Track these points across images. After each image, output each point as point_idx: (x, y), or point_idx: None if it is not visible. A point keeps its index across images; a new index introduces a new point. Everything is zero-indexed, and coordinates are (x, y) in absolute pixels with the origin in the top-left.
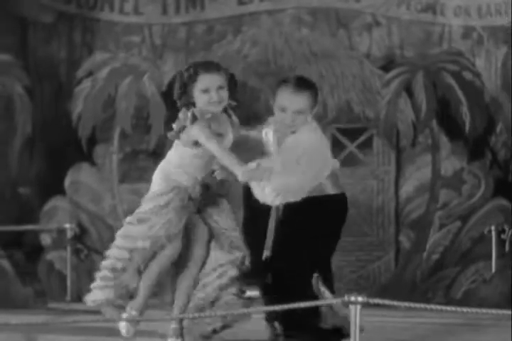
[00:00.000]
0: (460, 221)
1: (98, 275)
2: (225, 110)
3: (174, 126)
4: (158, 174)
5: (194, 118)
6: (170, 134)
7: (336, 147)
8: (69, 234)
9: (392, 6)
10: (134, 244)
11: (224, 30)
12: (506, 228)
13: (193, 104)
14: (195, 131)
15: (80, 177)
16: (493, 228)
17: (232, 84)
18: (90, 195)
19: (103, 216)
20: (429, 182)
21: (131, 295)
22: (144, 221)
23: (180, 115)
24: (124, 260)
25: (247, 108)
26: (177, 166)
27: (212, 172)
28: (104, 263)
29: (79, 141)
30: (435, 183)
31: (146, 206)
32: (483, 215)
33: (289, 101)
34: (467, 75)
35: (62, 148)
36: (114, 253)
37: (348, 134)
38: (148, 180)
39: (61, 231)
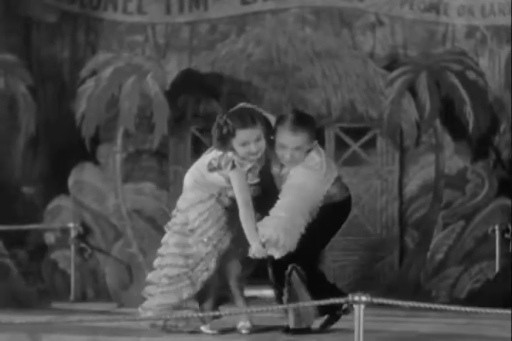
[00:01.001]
0: (464, 220)
1: (152, 284)
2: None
3: (213, 163)
4: (190, 181)
5: (233, 166)
6: (209, 167)
7: (340, 146)
8: (72, 234)
9: (395, 6)
10: (189, 251)
11: (227, 30)
12: (510, 227)
13: (232, 150)
14: (232, 177)
15: (83, 176)
16: (496, 227)
17: (268, 130)
18: (94, 194)
19: (107, 215)
20: (432, 181)
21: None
22: (194, 229)
23: (220, 155)
24: (179, 266)
25: None
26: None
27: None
28: (156, 272)
29: (82, 140)
30: (439, 183)
31: (191, 215)
32: (486, 214)
33: (287, 140)
34: (470, 75)
35: (65, 147)
36: (168, 261)
37: (351, 134)
38: (152, 180)
39: (65, 231)
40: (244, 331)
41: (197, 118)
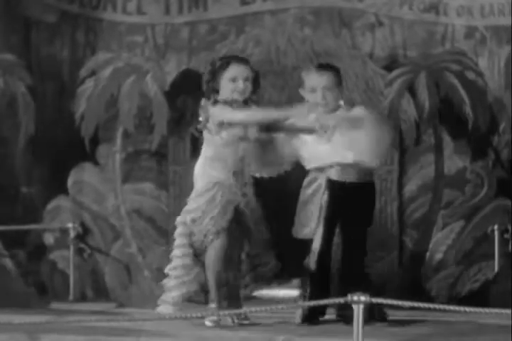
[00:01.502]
0: (463, 220)
1: (170, 277)
2: (245, 103)
3: (200, 117)
4: (198, 171)
5: (215, 102)
6: (198, 126)
7: None
8: (72, 234)
9: (394, 6)
10: (191, 240)
11: (227, 30)
12: (509, 227)
13: (217, 92)
14: (218, 111)
15: (83, 176)
16: (496, 227)
17: (257, 81)
18: (93, 194)
19: (106, 216)
20: (432, 181)
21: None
22: (195, 218)
23: (203, 103)
24: (190, 255)
25: None
26: (212, 159)
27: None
28: (171, 265)
29: (82, 140)
30: (438, 183)
31: (194, 203)
32: (486, 214)
33: (315, 80)
34: (470, 75)
35: (65, 147)
36: (177, 253)
37: None
38: (152, 180)
39: (64, 231)
40: (208, 323)
41: (196, 118)
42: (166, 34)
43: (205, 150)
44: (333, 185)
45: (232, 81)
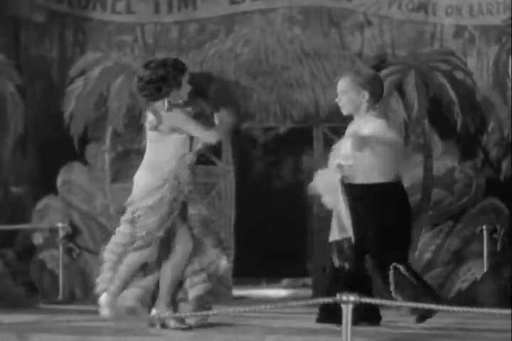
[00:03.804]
0: (452, 220)
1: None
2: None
3: (150, 118)
4: (144, 172)
5: (170, 106)
6: (149, 126)
7: (328, 146)
8: (61, 234)
9: (383, 6)
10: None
11: (216, 30)
12: (498, 227)
13: (168, 95)
14: (176, 118)
15: (72, 176)
16: (484, 227)
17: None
18: (82, 194)
19: (95, 215)
20: (421, 181)
21: None
22: (140, 217)
23: (157, 105)
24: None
25: (239, 106)
26: (164, 155)
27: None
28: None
29: (71, 140)
30: (427, 182)
31: (142, 203)
32: (474, 214)
33: (338, 83)
34: (459, 74)
35: (54, 147)
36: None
37: (340, 133)
38: None
39: (53, 231)
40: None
41: None
42: (155, 33)
43: (152, 152)
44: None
45: (188, 83)
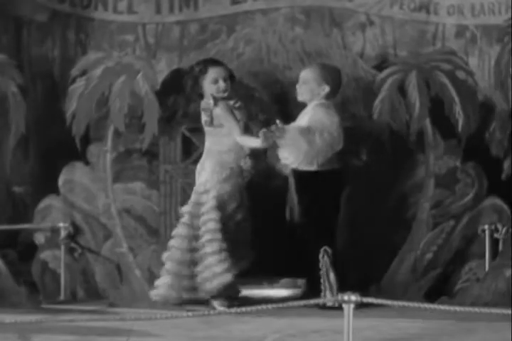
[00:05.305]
0: (453, 220)
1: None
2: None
3: (204, 117)
4: (209, 165)
5: (215, 100)
6: (205, 123)
7: None
8: (63, 233)
9: (385, 5)
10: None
11: (218, 29)
12: (500, 227)
13: (201, 96)
14: (218, 111)
15: (73, 176)
16: (486, 227)
17: (233, 78)
18: (84, 194)
19: (97, 215)
20: (422, 181)
21: None
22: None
23: (203, 104)
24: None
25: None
26: (226, 147)
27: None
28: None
29: (73, 139)
30: (428, 182)
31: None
32: (476, 214)
33: (301, 73)
34: (460, 74)
35: (56, 147)
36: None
37: None
38: (142, 179)
39: (55, 231)
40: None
41: (187, 117)
42: (157, 33)
43: (212, 146)
44: None
45: (214, 83)
